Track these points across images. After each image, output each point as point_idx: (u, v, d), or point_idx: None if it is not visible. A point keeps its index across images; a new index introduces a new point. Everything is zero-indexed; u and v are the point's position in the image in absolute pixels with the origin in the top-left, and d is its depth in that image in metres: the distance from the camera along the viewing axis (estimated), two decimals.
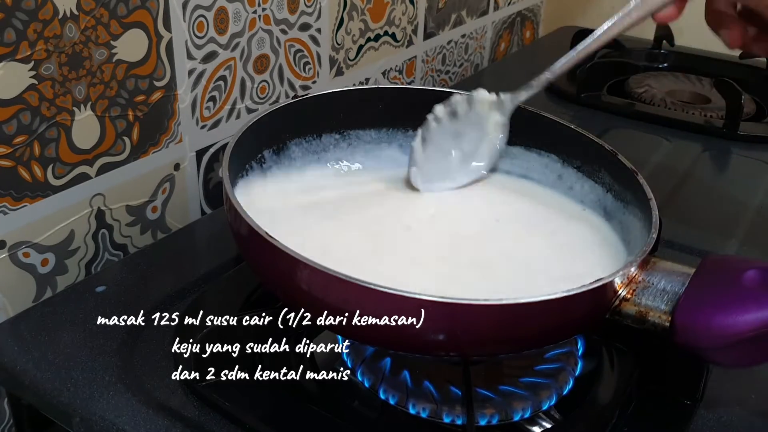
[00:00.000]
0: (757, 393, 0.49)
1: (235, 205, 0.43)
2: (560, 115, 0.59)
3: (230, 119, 0.72)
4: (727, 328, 0.40)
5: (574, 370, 0.49)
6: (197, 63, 0.66)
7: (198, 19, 0.64)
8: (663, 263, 0.45)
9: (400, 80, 0.95)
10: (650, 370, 0.49)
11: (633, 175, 0.51)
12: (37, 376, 0.47)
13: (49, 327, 0.51)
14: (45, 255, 0.58)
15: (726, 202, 0.74)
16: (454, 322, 0.39)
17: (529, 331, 0.41)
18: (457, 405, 0.45)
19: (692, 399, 0.48)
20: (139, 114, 0.62)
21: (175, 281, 0.56)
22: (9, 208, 0.54)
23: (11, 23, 0.51)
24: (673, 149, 0.84)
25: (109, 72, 0.58)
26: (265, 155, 0.55)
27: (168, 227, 0.69)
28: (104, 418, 0.45)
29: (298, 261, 0.40)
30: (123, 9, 0.58)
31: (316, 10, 0.77)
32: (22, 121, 0.53)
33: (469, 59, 1.10)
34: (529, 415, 0.46)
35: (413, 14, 0.93)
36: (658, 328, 0.43)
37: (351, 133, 0.60)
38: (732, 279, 0.42)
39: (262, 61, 0.73)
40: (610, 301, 0.43)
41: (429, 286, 0.45)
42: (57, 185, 0.57)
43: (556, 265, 0.50)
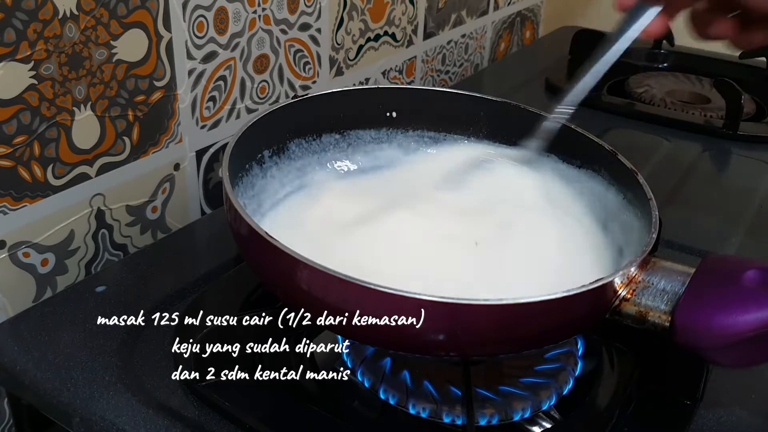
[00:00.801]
0: (757, 393, 0.49)
1: (235, 205, 0.43)
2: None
3: (230, 119, 0.72)
4: (728, 328, 0.40)
5: (574, 370, 0.49)
6: (197, 63, 0.66)
7: (198, 19, 0.64)
8: (663, 263, 0.45)
9: (400, 80, 0.95)
10: (650, 370, 0.49)
11: (633, 175, 0.51)
12: (37, 376, 0.47)
13: (49, 327, 0.51)
14: (45, 255, 0.58)
15: (726, 202, 0.74)
16: (454, 322, 0.39)
17: (529, 331, 0.41)
18: (457, 405, 0.45)
19: (692, 399, 0.47)
20: (139, 114, 0.62)
21: (175, 281, 0.56)
22: (9, 208, 0.54)
23: (11, 23, 0.51)
24: (673, 149, 0.84)
25: (109, 72, 0.58)
26: (265, 155, 0.55)
27: (168, 227, 0.69)
28: (104, 418, 0.45)
29: (298, 261, 0.40)
30: (123, 9, 0.58)
31: (316, 10, 0.77)
32: (22, 121, 0.53)
33: (469, 59, 1.10)
34: (529, 415, 0.46)
35: (413, 14, 0.93)
36: (658, 328, 0.43)
37: (351, 133, 0.60)
38: (732, 279, 0.42)
39: (262, 61, 0.73)
40: (610, 301, 0.43)
41: (429, 286, 0.45)
42: (57, 185, 0.57)
43: (556, 265, 0.50)
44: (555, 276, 0.49)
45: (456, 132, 0.62)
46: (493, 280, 0.48)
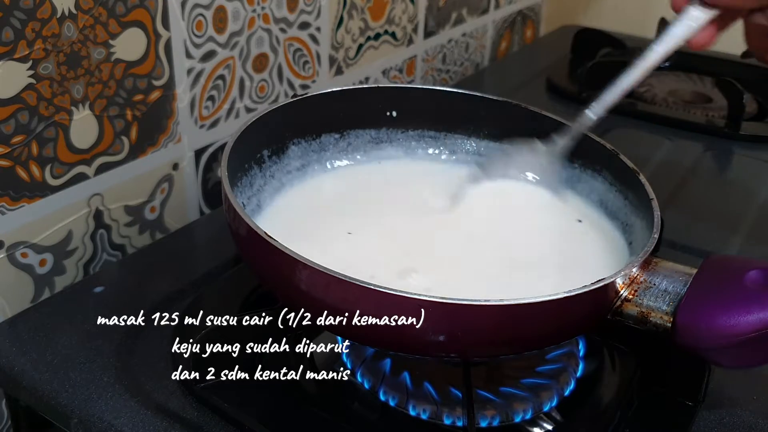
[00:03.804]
0: (759, 394, 0.49)
1: (234, 205, 0.43)
2: (561, 115, 0.58)
3: (229, 119, 0.71)
4: (729, 328, 0.40)
5: (576, 371, 0.49)
6: (196, 62, 0.66)
7: (197, 18, 0.64)
8: (665, 263, 0.45)
9: (400, 79, 0.95)
10: (652, 371, 0.49)
11: (635, 175, 0.51)
12: (35, 377, 0.47)
13: (47, 328, 0.51)
14: (43, 255, 0.58)
15: (728, 202, 0.74)
16: (454, 322, 0.39)
17: (530, 332, 0.41)
18: (457, 406, 0.45)
19: (694, 400, 0.47)
20: (138, 113, 0.62)
21: (174, 281, 0.56)
22: (7, 208, 0.54)
23: (9, 22, 0.50)
24: (675, 149, 0.84)
25: (108, 71, 0.58)
26: (264, 155, 0.55)
27: (167, 227, 0.68)
28: (102, 419, 0.44)
29: (298, 261, 0.39)
30: (121, 8, 0.58)
31: (315, 8, 0.77)
32: (20, 121, 0.53)
33: (470, 58, 1.10)
34: (530, 417, 0.46)
35: (413, 13, 0.93)
36: (659, 328, 0.43)
37: (351, 133, 0.60)
38: (734, 279, 0.42)
39: (261, 60, 0.73)
40: (612, 302, 0.43)
41: (429, 286, 0.45)
42: (55, 185, 0.57)
43: (557, 265, 0.50)
44: (556, 276, 0.49)
45: (456, 131, 0.62)
46: (494, 279, 0.48)
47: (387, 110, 0.60)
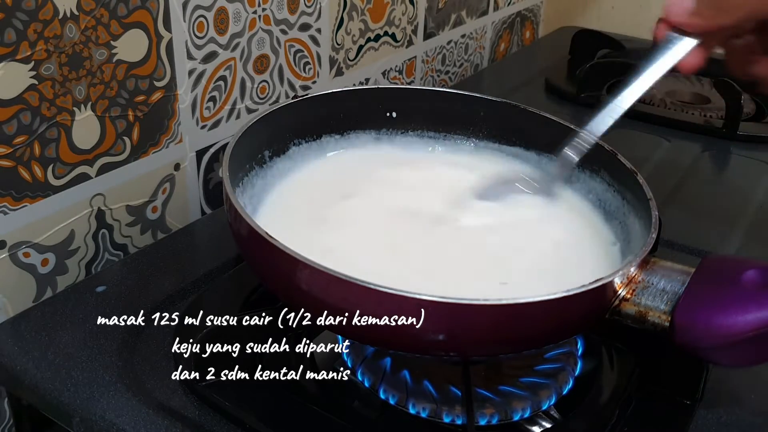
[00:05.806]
0: (757, 393, 0.49)
1: (235, 205, 0.43)
2: (560, 115, 0.59)
3: (230, 119, 0.72)
4: (727, 328, 0.40)
5: (574, 370, 0.49)
6: (197, 63, 0.66)
7: (198, 19, 0.64)
8: (663, 263, 0.45)
9: (400, 80, 0.95)
10: (650, 370, 0.49)
11: (633, 175, 0.51)
12: (37, 376, 0.47)
13: (50, 327, 0.51)
14: (45, 255, 0.58)
15: (725, 202, 0.74)
16: (453, 322, 0.39)
17: (528, 331, 0.41)
18: (456, 405, 0.45)
19: (692, 399, 0.48)
20: (139, 114, 0.62)
21: (175, 281, 0.56)
22: (9, 208, 0.55)
23: (11, 23, 0.51)
24: (673, 149, 0.84)
25: (110, 72, 0.58)
26: (265, 155, 0.55)
27: (168, 227, 0.69)
28: (104, 418, 0.45)
29: (298, 261, 0.40)
30: (123, 9, 0.58)
31: (316, 10, 0.77)
32: (23, 122, 0.53)
33: (469, 59, 1.10)
34: (528, 415, 0.46)
35: (413, 14, 0.93)
36: (657, 328, 0.43)
37: (351, 133, 0.60)
38: (731, 279, 0.42)
39: (262, 61, 0.73)
40: (610, 301, 0.43)
41: (429, 285, 0.45)
42: (57, 185, 0.57)
43: (555, 265, 0.50)
44: (555, 276, 0.49)
45: (456, 132, 0.62)
46: (493, 279, 0.48)
47: (387, 111, 0.61)
